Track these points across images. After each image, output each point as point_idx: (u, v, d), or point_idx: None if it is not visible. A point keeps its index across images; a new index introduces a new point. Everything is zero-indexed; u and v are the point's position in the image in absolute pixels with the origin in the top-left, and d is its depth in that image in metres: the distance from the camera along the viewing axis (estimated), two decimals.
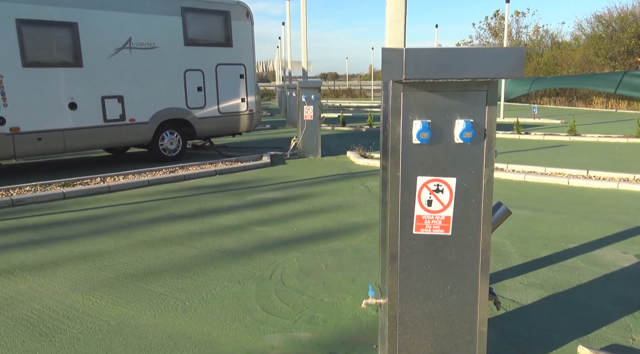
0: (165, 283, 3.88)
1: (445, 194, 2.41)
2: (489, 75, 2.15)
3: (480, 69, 2.14)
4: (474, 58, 2.13)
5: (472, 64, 2.13)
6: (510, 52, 2.13)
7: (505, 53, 2.13)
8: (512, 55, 2.13)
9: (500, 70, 2.14)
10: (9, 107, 7.72)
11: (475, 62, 2.13)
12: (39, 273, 4.11)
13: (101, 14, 8.49)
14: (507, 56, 2.13)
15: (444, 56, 2.13)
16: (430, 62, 2.13)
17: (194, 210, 6.07)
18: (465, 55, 2.13)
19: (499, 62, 2.13)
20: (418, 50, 2.14)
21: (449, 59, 2.13)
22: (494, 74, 2.15)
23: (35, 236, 5.10)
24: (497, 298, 2.68)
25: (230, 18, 10.15)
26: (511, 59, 2.13)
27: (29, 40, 7.80)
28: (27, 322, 3.27)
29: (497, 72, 2.14)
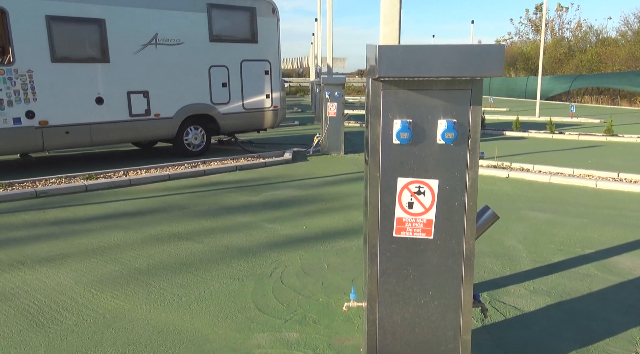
0: (166, 278, 3.92)
1: (427, 197, 2.33)
2: (466, 73, 2.06)
3: (457, 68, 2.05)
4: (451, 56, 2.04)
5: (448, 62, 2.05)
6: (489, 50, 2.03)
7: (484, 51, 2.03)
8: (491, 53, 2.03)
9: (479, 68, 2.05)
10: (38, 101, 7.97)
11: (451, 60, 2.04)
12: (48, 264, 4.22)
13: (128, 11, 8.66)
14: (486, 54, 2.03)
15: (419, 53, 2.05)
16: (404, 60, 2.06)
17: (209, 205, 6.12)
18: (441, 53, 2.04)
19: (477, 60, 2.04)
20: (392, 47, 2.07)
21: (424, 57, 2.05)
22: (471, 72, 2.05)
23: (50, 227, 5.25)
24: (484, 306, 2.59)
25: (255, 14, 10.18)
26: (490, 58, 2.04)
27: (57, 36, 8.02)
28: (28, 312, 3.36)
29: (475, 70, 2.05)
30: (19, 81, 7.77)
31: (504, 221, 5.41)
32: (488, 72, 2.05)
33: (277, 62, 10.71)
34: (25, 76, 7.83)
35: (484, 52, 2.03)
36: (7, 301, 3.52)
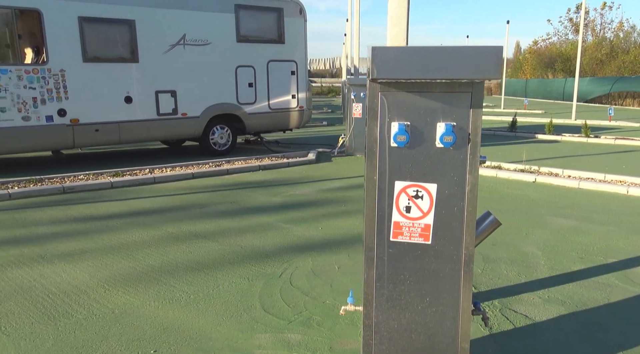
0: (178, 275, 3.97)
1: (425, 201, 2.28)
2: (461, 76, 2.01)
3: (452, 70, 2.00)
4: (445, 58, 1.99)
5: (443, 65, 2.00)
6: (486, 52, 1.97)
7: (480, 53, 1.98)
8: (488, 55, 1.97)
9: (475, 71, 1.99)
10: (70, 99, 8.20)
11: (446, 62, 2.00)
12: (66, 258, 4.33)
13: (157, 12, 8.83)
14: (482, 57, 1.98)
15: (413, 55, 2.01)
16: (398, 62, 2.02)
17: (228, 204, 6.18)
18: (435, 55, 2.00)
19: (473, 63, 1.99)
20: (385, 49, 2.04)
21: (419, 59, 2.01)
22: (467, 75, 2.00)
23: (73, 223, 5.40)
24: (485, 314, 2.52)
25: (283, 15, 10.23)
26: (487, 60, 1.98)
27: (89, 37, 8.24)
28: (41, 305, 3.46)
29: (470, 73, 2.00)
30: (52, 80, 8.02)
31: (525, 227, 5.27)
32: (484, 75, 2.00)
33: (304, 62, 10.74)
34: (57, 75, 8.08)
35: (480, 54, 1.98)
36: (23, 293, 3.63)
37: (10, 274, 3.98)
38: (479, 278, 3.96)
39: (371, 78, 2.05)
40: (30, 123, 7.93)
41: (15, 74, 7.75)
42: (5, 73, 7.69)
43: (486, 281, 3.91)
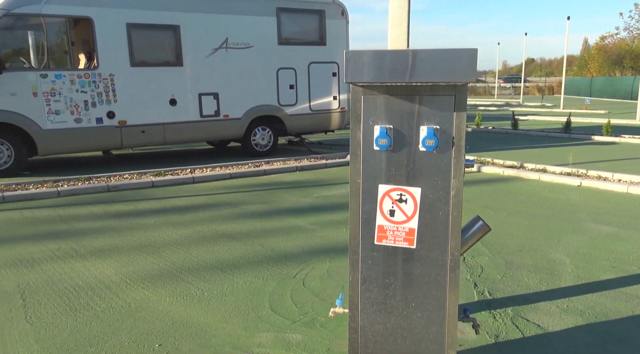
0: (197, 273, 4.11)
1: (409, 205, 2.27)
2: (433, 79, 1.98)
3: (425, 73, 1.98)
4: (418, 61, 1.97)
5: (415, 68, 1.99)
6: (459, 55, 1.94)
7: (453, 56, 1.95)
8: (461, 58, 1.94)
9: (448, 74, 1.96)
10: (118, 102, 8.63)
11: (419, 65, 1.98)
12: (97, 253, 4.58)
13: (201, 17, 9.12)
14: (456, 59, 1.95)
15: (385, 59, 2.01)
16: (371, 65, 2.03)
17: (259, 204, 6.30)
18: (407, 59, 1.98)
19: (446, 66, 1.96)
20: (358, 53, 2.04)
21: (390, 62, 2.00)
22: (439, 78, 1.98)
23: (110, 220, 5.68)
24: (476, 321, 2.46)
25: (324, 17, 10.30)
26: (460, 63, 1.95)
27: (136, 42, 8.64)
28: (66, 297, 3.68)
29: (443, 76, 1.97)
30: (102, 84, 8.47)
31: (558, 233, 5.07)
32: (458, 78, 1.96)
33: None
34: (107, 79, 8.51)
35: (453, 57, 1.95)
36: (52, 285, 3.87)
37: (45, 267, 4.25)
38: (497, 284, 3.86)
39: (345, 81, 2.06)
40: (81, 125, 8.40)
41: (68, 78, 8.23)
42: (60, 78, 8.19)
43: (504, 287, 3.80)
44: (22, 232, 5.21)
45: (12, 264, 4.33)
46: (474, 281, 3.93)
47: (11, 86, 7.84)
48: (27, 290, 3.79)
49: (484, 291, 3.75)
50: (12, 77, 7.85)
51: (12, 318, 3.35)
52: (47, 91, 8.09)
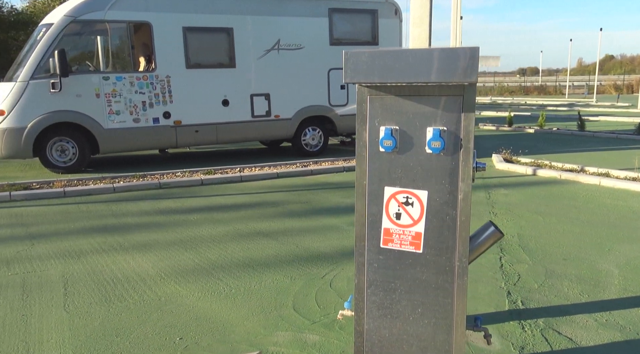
0: (229, 269, 4.19)
1: (416, 208, 2.21)
2: (433, 79, 1.92)
3: (423, 73, 1.92)
4: (416, 61, 1.92)
5: (413, 67, 1.93)
6: (459, 53, 1.87)
7: (453, 55, 1.87)
8: (461, 57, 1.86)
9: (447, 74, 1.89)
10: (174, 103, 8.96)
11: (417, 65, 1.92)
12: (139, 248, 4.78)
13: (254, 19, 9.30)
14: (455, 59, 1.87)
15: (384, 59, 1.96)
16: (369, 65, 1.99)
17: (300, 204, 6.34)
18: (406, 58, 1.93)
19: (445, 65, 1.89)
20: (357, 53, 2.01)
21: (389, 62, 1.96)
22: (439, 78, 1.91)
23: (157, 216, 5.91)
24: (487, 331, 2.36)
25: (377, 16, 10.22)
26: (460, 62, 1.87)
27: (192, 45, 8.94)
28: (104, 288, 3.86)
29: (443, 76, 1.90)
30: (159, 86, 8.83)
31: (610, 242, 4.76)
32: (458, 77, 1.89)
33: None
34: (164, 81, 8.86)
35: (452, 56, 1.88)
36: (93, 276, 4.08)
37: (90, 259, 4.48)
38: (532, 293, 3.68)
39: (344, 81, 2.04)
40: (139, 124, 8.80)
41: (128, 80, 8.65)
42: (121, 80, 8.61)
43: (539, 297, 3.61)
44: (75, 226, 5.53)
45: (61, 255, 4.60)
46: (508, 289, 3.77)
47: (76, 88, 8.34)
48: (70, 280, 4.02)
49: (517, 300, 3.58)
50: (77, 79, 8.35)
51: (51, 306, 3.56)
52: (108, 92, 8.54)
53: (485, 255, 4.47)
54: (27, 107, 8.14)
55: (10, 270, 4.24)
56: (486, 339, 2.40)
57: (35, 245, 4.87)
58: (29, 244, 4.89)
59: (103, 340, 3.08)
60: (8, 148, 8.16)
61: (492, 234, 2.29)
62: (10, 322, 3.33)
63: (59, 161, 8.54)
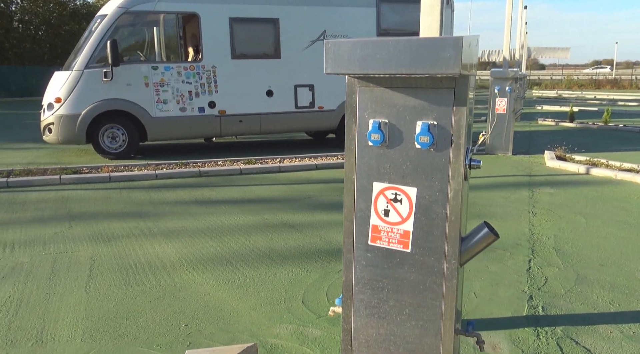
0: (248, 259, 4.22)
1: (404, 205, 2.12)
2: (415, 71, 1.82)
3: (405, 64, 1.83)
4: (397, 51, 1.82)
5: (394, 58, 1.83)
6: (441, 44, 1.75)
7: (435, 45, 1.76)
8: (444, 47, 1.75)
9: (429, 65, 1.79)
10: (219, 93, 9.13)
11: (398, 55, 1.82)
12: (167, 234, 4.90)
13: (300, 9, 9.29)
14: (437, 49, 1.76)
15: (365, 48, 1.88)
16: (350, 55, 1.91)
17: (332, 197, 6.30)
18: (387, 48, 1.84)
19: (427, 55, 1.78)
20: (338, 42, 1.94)
21: (370, 52, 1.87)
22: (420, 69, 1.80)
23: (192, 205, 6.04)
24: (480, 337, 2.23)
25: None
26: (442, 53, 1.76)
27: (238, 36, 9.05)
28: (126, 272, 3.99)
29: (424, 67, 1.80)
30: (204, 76, 9.01)
31: None
32: (440, 69, 1.77)
33: None
34: (210, 71, 9.03)
35: (435, 46, 1.77)
36: (119, 259, 4.22)
37: (118, 243, 4.65)
38: (556, 299, 3.47)
39: (325, 72, 1.97)
40: (185, 113, 9.03)
41: (176, 70, 8.88)
42: (169, 70, 8.86)
43: (563, 304, 3.40)
44: (113, 210, 5.74)
45: (93, 237, 4.79)
46: (530, 293, 3.57)
47: (127, 77, 8.65)
48: (96, 262, 4.18)
49: (538, 305, 3.39)
50: (128, 69, 8.66)
51: (74, 287, 3.71)
52: (157, 81, 8.80)
53: (513, 257, 4.26)
54: (81, 95, 8.54)
55: (45, 250, 4.47)
56: (478, 345, 2.27)
57: (73, 227, 5.10)
58: (67, 226, 5.13)
59: (113, 322, 3.18)
60: (63, 134, 8.60)
61: (485, 236, 2.15)
62: (33, 300, 3.50)
63: (110, 147, 8.92)
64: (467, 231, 2.25)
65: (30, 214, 5.55)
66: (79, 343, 2.94)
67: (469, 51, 1.87)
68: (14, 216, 5.51)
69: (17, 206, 5.91)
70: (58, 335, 3.03)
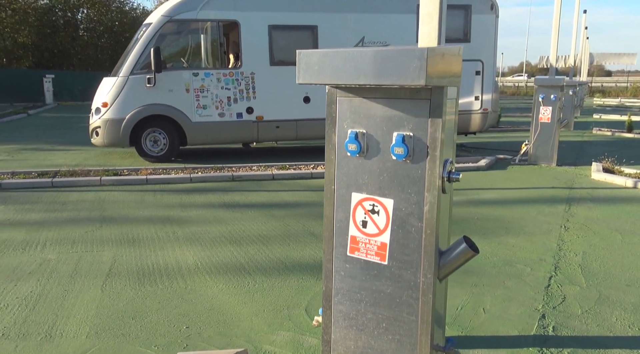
0: (261, 265, 4.26)
1: (382, 217, 2.09)
2: (381, 81, 1.80)
3: (372, 74, 1.81)
4: (364, 61, 1.81)
5: (362, 68, 1.82)
6: (407, 55, 1.72)
7: (400, 56, 1.73)
8: (408, 58, 1.71)
9: (394, 76, 1.76)
10: (257, 99, 9.28)
11: (365, 65, 1.81)
12: (189, 238, 5.02)
13: (339, 17, 9.31)
14: (402, 60, 1.73)
15: (334, 59, 1.88)
16: (321, 65, 1.91)
17: None
18: (355, 58, 1.82)
19: (392, 66, 1.75)
20: (309, 53, 1.94)
21: (339, 62, 1.87)
22: (386, 80, 1.78)
23: (219, 209, 6.16)
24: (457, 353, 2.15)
25: (470, 12, 9.74)
26: (407, 64, 1.72)
27: (276, 43, 9.18)
28: (142, 273, 4.12)
29: (390, 78, 1.77)
30: (243, 82, 9.19)
31: None
32: (405, 80, 1.74)
33: (492, 61, 10.04)
34: (248, 78, 9.20)
35: (400, 57, 1.73)
36: (138, 261, 4.36)
37: (141, 245, 4.80)
38: (571, 320, 3.30)
39: (297, 82, 1.97)
40: (224, 119, 9.23)
41: (215, 76, 9.11)
42: (208, 76, 9.10)
43: (577, 325, 3.23)
44: (143, 213, 5.95)
45: (119, 238, 4.98)
46: (544, 312, 3.42)
47: (169, 83, 8.95)
48: (117, 263, 4.34)
49: (549, 325, 3.24)
50: (170, 75, 8.96)
51: (92, 285, 3.87)
52: (197, 87, 9.05)
53: (534, 273, 4.09)
54: (126, 100, 8.90)
55: (72, 248, 4.68)
56: None
57: (103, 227, 5.32)
58: (97, 226, 5.36)
59: (120, 321, 3.29)
60: (109, 137, 8.99)
61: (463, 251, 2.07)
62: (52, 296, 3.68)
63: (152, 150, 9.24)
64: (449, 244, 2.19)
65: (66, 214, 5.83)
66: (84, 339, 3.06)
67: (442, 62, 1.83)
68: (52, 215, 5.81)
69: (57, 206, 6.22)
70: (66, 331, 3.17)
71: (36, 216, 5.72)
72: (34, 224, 5.40)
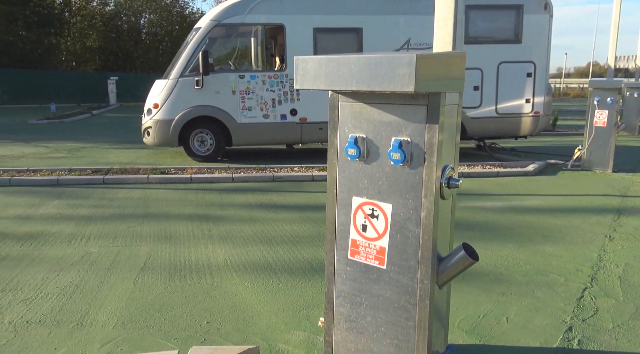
0: (288, 265, 4.33)
1: (381, 221, 2.10)
2: (372, 87, 1.81)
3: (364, 80, 1.83)
4: (357, 67, 1.82)
5: (355, 74, 1.83)
6: (397, 61, 1.72)
7: (390, 62, 1.74)
8: (398, 65, 1.71)
9: (385, 82, 1.76)
10: (301, 101, 9.39)
11: (358, 72, 1.82)
12: (223, 237, 5.16)
13: (383, 19, 9.28)
14: (392, 66, 1.73)
15: (330, 65, 1.90)
16: (316, 71, 1.93)
17: None
18: (349, 64, 1.84)
19: (383, 72, 1.76)
20: (306, 59, 1.98)
21: (334, 68, 1.89)
22: (377, 86, 1.78)
23: (255, 210, 6.28)
24: None
25: (522, 12, 9.44)
26: (397, 70, 1.72)
27: (321, 46, 9.25)
28: (173, 268, 4.27)
29: (381, 84, 1.78)
30: (287, 84, 9.32)
31: None
32: (395, 86, 1.74)
33: (545, 63, 9.68)
34: (292, 80, 9.31)
35: (390, 63, 1.74)
36: (172, 257, 4.53)
37: (177, 241, 4.98)
38: (601, 334, 3.16)
39: (295, 88, 2.00)
40: (268, 120, 9.40)
41: (260, 79, 9.29)
42: (254, 78, 9.30)
43: (606, 340, 3.09)
44: (184, 211, 6.15)
45: (157, 235, 5.18)
46: (571, 324, 3.29)
47: (216, 85, 9.21)
48: (152, 258, 4.52)
49: (575, 338, 3.11)
50: (217, 77, 9.22)
51: (125, 278, 4.06)
52: (243, 89, 9.27)
53: (567, 283, 3.94)
54: (175, 102, 9.24)
55: (113, 243, 4.92)
56: None
57: (144, 224, 5.55)
58: (139, 222, 5.60)
59: (146, 314, 3.44)
60: (159, 137, 9.36)
61: (461, 259, 2.03)
62: (88, 287, 3.89)
63: (199, 150, 9.54)
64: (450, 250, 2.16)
65: (113, 211, 6.13)
66: (111, 329, 3.23)
67: (437, 67, 1.82)
68: (99, 211, 6.12)
69: (105, 201, 6.55)
70: (97, 320, 3.34)
71: (85, 211, 6.05)
72: (81, 219, 5.72)
